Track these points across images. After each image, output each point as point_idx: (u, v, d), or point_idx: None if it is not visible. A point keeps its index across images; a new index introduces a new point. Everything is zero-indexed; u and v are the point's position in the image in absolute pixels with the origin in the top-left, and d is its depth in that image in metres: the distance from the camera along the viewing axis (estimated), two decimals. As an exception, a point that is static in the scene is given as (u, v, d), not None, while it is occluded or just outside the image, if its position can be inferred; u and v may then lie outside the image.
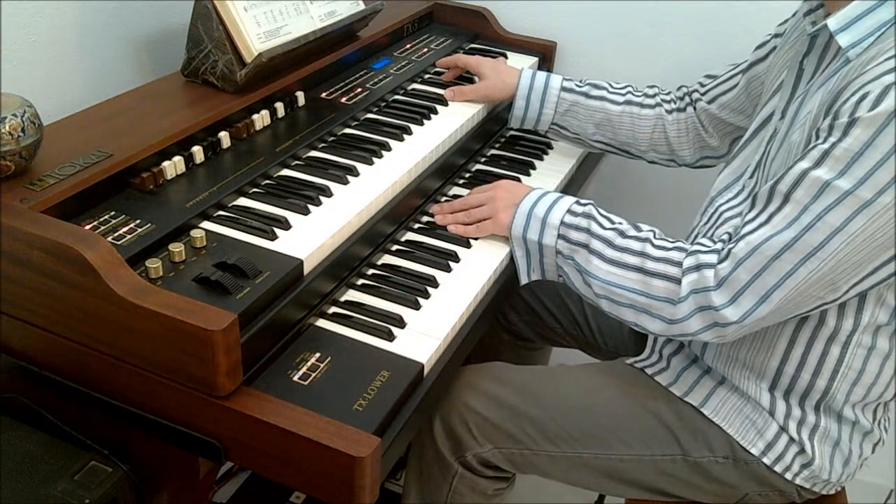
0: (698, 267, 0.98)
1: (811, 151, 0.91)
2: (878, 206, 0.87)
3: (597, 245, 1.06)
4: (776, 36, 1.25)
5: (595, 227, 1.07)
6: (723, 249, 0.98)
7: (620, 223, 1.08)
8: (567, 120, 1.41)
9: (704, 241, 1.03)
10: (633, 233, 1.06)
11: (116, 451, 0.94)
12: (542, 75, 1.40)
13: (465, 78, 1.50)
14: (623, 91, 1.40)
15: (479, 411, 1.15)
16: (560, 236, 1.10)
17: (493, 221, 1.17)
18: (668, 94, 1.42)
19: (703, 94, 1.37)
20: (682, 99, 1.41)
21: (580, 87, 1.40)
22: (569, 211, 1.10)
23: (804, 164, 0.91)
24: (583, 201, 1.12)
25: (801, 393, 1.08)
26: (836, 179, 0.88)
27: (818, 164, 0.89)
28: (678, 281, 1.00)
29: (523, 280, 1.17)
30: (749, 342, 1.08)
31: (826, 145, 0.89)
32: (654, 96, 1.41)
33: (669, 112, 1.39)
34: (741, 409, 1.11)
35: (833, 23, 0.96)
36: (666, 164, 1.45)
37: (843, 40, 0.96)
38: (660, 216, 1.57)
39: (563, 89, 1.39)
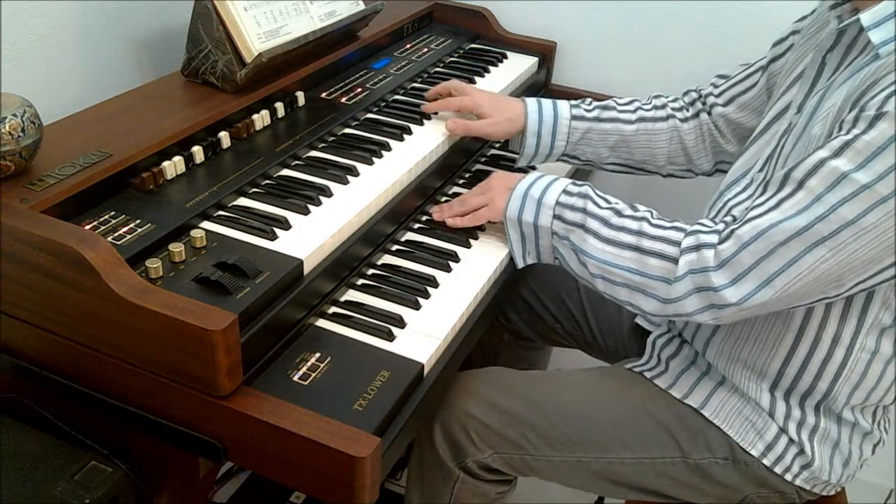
0: (698, 247, 0.97)
1: (832, 141, 0.89)
2: (893, 204, 0.86)
3: (593, 224, 1.06)
4: (794, 33, 1.22)
5: (591, 207, 1.07)
6: (724, 230, 0.97)
7: (617, 203, 1.08)
8: (580, 148, 1.34)
9: (705, 221, 1.02)
10: (629, 212, 1.06)
11: (116, 451, 0.94)
12: (547, 106, 1.31)
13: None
14: (632, 108, 1.34)
15: (478, 418, 1.15)
16: (555, 216, 1.09)
17: (490, 207, 1.16)
18: (675, 101, 1.37)
19: (717, 96, 1.32)
20: (692, 105, 1.36)
21: (589, 111, 1.32)
22: (564, 191, 1.10)
23: (823, 153, 0.89)
24: (579, 182, 1.11)
25: (802, 394, 1.08)
26: (854, 172, 0.87)
27: (838, 154, 0.88)
28: (675, 260, 0.99)
29: (519, 264, 1.16)
30: (752, 342, 1.08)
31: (849, 136, 0.88)
32: (663, 107, 1.36)
33: (684, 121, 1.34)
34: (741, 410, 1.11)
35: (866, 18, 0.95)
36: (682, 176, 1.41)
37: (875, 37, 0.94)
38: (666, 208, 1.57)
39: (574, 118, 1.31)
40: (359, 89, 1.38)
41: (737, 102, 1.31)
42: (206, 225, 1.01)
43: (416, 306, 1.04)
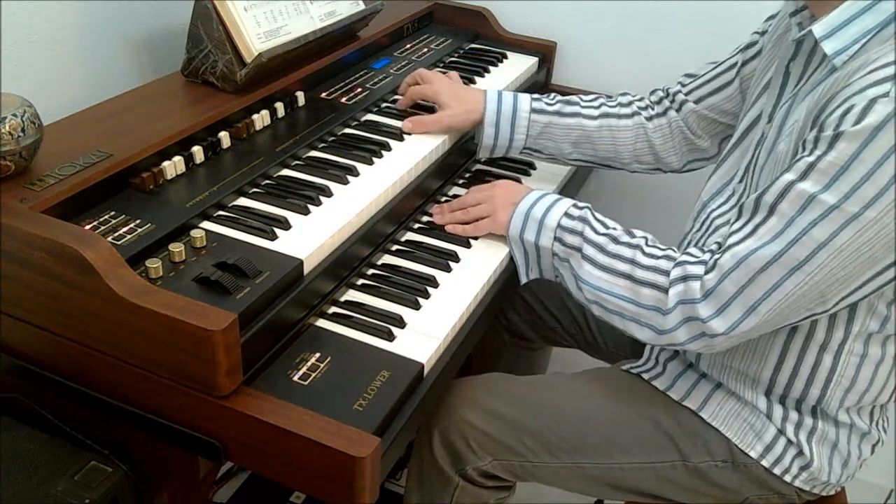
0: (685, 278, 0.98)
1: (797, 163, 0.90)
2: (864, 221, 0.86)
3: (589, 250, 1.06)
4: (763, 33, 1.23)
5: (589, 232, 1.07)
6: (710, 260, 0.97)
7: (614, 228, 1.08)
8: (541, 143, 1.32)
9: (693, 250, 1.02)
10: (625, 239, 1.06)
11: (116, 451, 0.94)
12: (508, 97, 1.30)
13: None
14: (597, 104, 1.33)
15: (477, 425, 1.15)
16: (556, 239, 1.10)
17: (492, 220, 1.16)
18: (641, 99, 1.36)
19: (687, 95, 1.32)
20: (658, 103, 1.35)
21: (551, 104, 1.31)
22: (566, 214, 1.10)
23: (789, 177, 0.90)
24: (580, 204, 1.11)
25: (797, 399, 1.08)
26: (821, 193, 0.87)
27: (804, 176, 0.89)
28: (666, 290, 0.99)
29: (523, 279, 1.17)
30: (741, 352, 1.08)
31: (812, 158, 0.88)
32: (629, 104, 1.34)
33: (649, 119, 1.34)
34: (739, 412, 1.11)
35: (818, 29, 0.95)
36: (650, 174, 1.40)
37: (828, 47, 0.94)
38: (660, 217, 1.57)
39: (534, 111, 1.30)
40: (359, 89, 1.38)
41: (708, 102, 1.30)
42: (206, 225, 1.01)
43: (416, 306, 1.04)
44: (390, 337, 0.98)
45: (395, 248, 1.17)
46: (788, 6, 1.10)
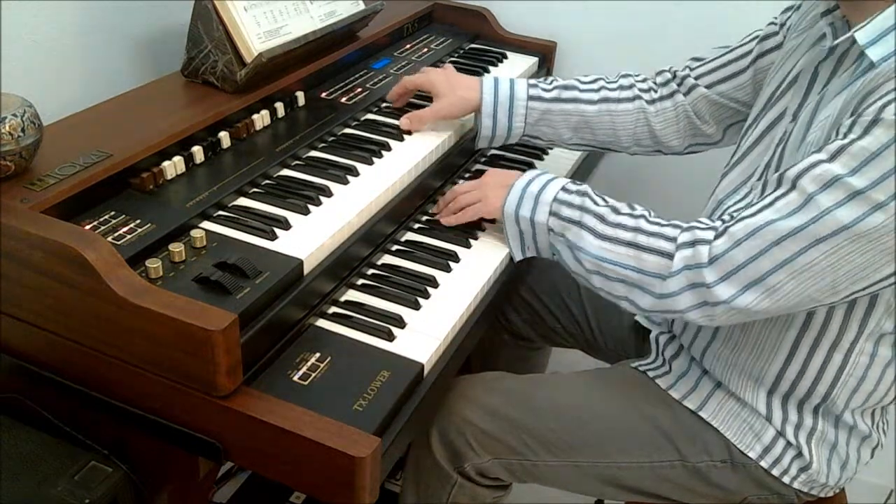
0: (693, 243, 0.97)
1: (829, 145, 0.89)
2: (889, 211, 0.85)
3: (590, 221, 1.05)
4: (781, 26, 1.22)
5: (589, 204, 1.06)
6: (720, 227, 0.96)
7: (615, 202, 1.07)
8: (539, 129, 1.31)
9: (703, 219, 1.01)
10: (627, 210, 1.05)
11: (116, 451, 0.94)
12: (504, 84, 1.28)
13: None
14: (596, 87, 1.30)
15: (476, 423, 1.14)
16: (552, 213, 1.09)
17: (483, 204, 1.16)
18: (644, 81, 1.34)
19: (696, 79, 1.30)
20: (664, 85, 1.33)
21: (548, 90, 1.29)
22: (563, 188, 1.09)
23: (819, 156, 0.89)
24: (577, 181, 1.11)
25: (800, 398, 1.07)
26: (848, 176, 0.86)
27: (833, 157, 0.87)
28: (671, 256, 0.98)
29: (517, 257, 1.16)
30: (751, 347, 1.08)
31: (845, 141, 0.87)
32: (630, 87, 1.32)
33: (651, 102, 1.32)
34: (738, 413, 1.11)
35: (862, 37, 0.94)
36: (650, 156, 1.39)
37: (873, 54, 0.93)
38: (666, 214, 1.57)
39: (531, 98, 1.28)
40: (359, 89, 1.38)
41: (719, 88, 1.28)
42: (206, 225, 1.01)
43: (416, 306, 1.04)
44: (390, 337, 0.98)
45: (395, 248, 1.17)
46: (818, 6, 1.08)
